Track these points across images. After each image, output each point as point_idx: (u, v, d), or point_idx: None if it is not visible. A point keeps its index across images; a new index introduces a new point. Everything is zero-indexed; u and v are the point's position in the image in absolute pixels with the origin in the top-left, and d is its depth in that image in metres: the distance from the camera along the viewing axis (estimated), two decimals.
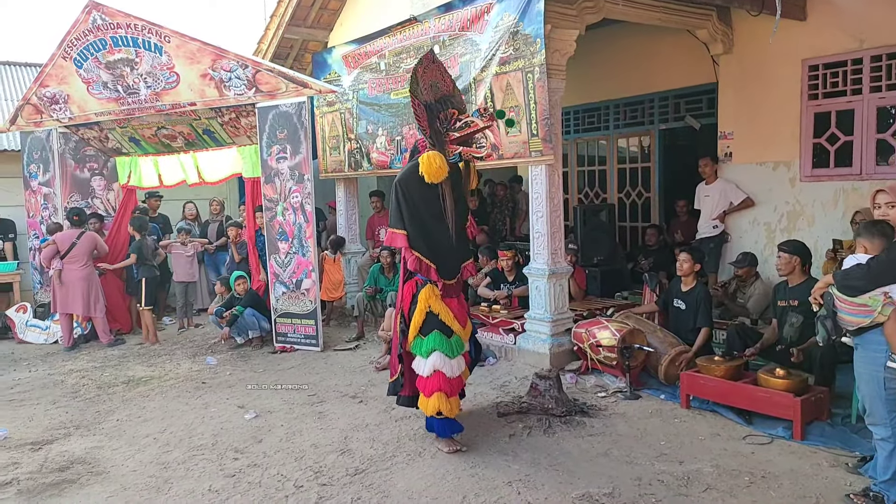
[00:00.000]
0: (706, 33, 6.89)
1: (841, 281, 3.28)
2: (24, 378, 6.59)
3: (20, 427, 5.08)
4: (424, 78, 4.15)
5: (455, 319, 4.20)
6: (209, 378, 6.26)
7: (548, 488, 3.67)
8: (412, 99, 4.08)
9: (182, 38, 6.93)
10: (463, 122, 4.12)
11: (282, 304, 7.24)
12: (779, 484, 3.64)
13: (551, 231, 5.96)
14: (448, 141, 4.12)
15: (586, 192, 9.51)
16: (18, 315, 8.40)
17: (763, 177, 6.89)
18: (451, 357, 4.15)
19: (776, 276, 6.25)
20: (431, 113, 4.13)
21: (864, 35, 6.03)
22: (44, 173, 8.69)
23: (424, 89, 4.14)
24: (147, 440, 4.70)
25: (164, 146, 8.26)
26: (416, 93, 4.07)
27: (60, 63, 7.66)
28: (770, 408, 4.36)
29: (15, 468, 4.29)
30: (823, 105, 6.41)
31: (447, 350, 4.14)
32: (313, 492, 3.75)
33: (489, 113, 4.21)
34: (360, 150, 8.08)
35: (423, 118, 4.10)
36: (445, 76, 4.34)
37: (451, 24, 6.49)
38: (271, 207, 7.24)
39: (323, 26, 8.79)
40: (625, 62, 8.38)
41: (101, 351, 7.60)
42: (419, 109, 4.07)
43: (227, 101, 7.09)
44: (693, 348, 5.30)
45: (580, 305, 6.59)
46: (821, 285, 3.48)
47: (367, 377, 6.01)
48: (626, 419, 4.70)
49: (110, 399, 5.73)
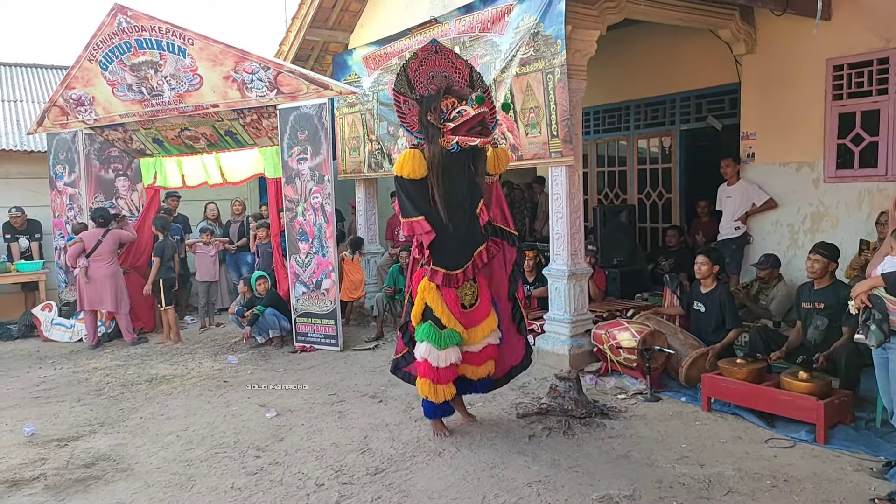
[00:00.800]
0: (729, 33, 6.83)
1: (895, 283, 3.24)
2: (49, 376, 6.70)
3: (46, 424, 5.17)
4: (420, 71, 4.23)
5: (450, 313, 4.27)
6: (231, 377, 6.32)
7: (568, 490, 3.67)
8: (395, 96, 4.21)
9: (205, 40, 7.02)
10: (456, 112, 4.15)
11: (302, 303, 7.30)
12: (802, 488, 3.61)
13: (571, 232, 5.95)
14: (445, 132, 4.15)
15: (606, 193, 9.47)
16: (44, 313, 8.55)
17: (786, 178, 6.82)
18: (439, 348, 4.25)
19: (799, 277, 6.22)
20: (425, 106, 4.19)
21: (891, 34, 5.94)
22: (69, 174, 8.84)
23: (418, 83, 4.25)
24: (170, 438, 4.76)
25: (186, 147, 8.37)
26: (402, 89, 4.20)
27: (86, 65, 7.80)
28: (793, 411, 4.32)
29: (42, 464, 4.38)
30: (848, 105, 6.33)
31: (435, 341, 4.25)
32: (334, 490, 3.78)
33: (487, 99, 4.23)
34: (381, 151, 8.12)
35: (411, 113, 4.22)
36: (456, 62, 4.36)
37: (472, 25, 6.50)
38: (292, 208, 7.30)
39: (344, 28, 8.84)
40: (646, 62, 8.33)
41: (124, 349, 7.71)
42: (405, 106, 4.19)
43: (248, 103, 7.16)
44: (717, 346, 5.26)
45: (600, 307, 6.56)
46: (865, 287, 3.42)
47: (386, 377, 6.02)
48: (647, 421, 4.68)
49: (134, 397, 5.81)
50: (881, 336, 3.33)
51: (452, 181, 4.21)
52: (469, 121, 4.12)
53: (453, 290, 4.32)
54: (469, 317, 4.37)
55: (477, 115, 4.11)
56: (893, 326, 3.30)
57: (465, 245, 4.32)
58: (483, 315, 4.41)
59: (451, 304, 4.30)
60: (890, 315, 3.29)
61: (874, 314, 3.34)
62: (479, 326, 4.39)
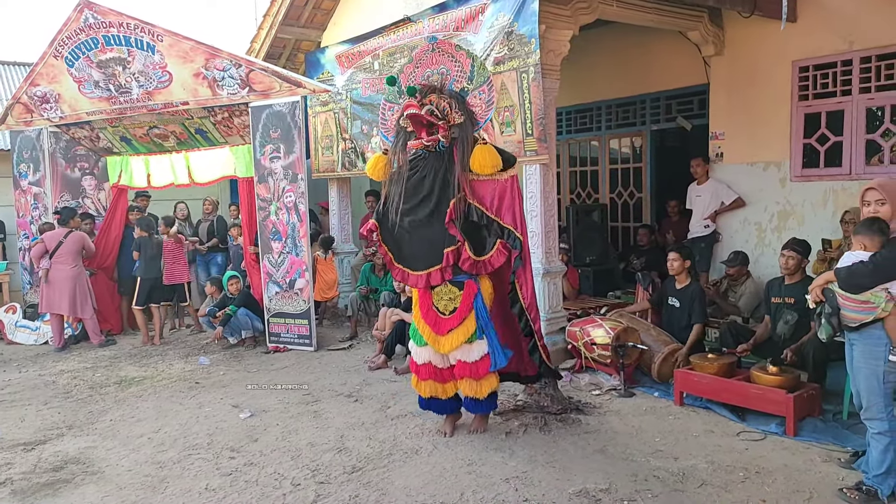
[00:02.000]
0: (698, 35, 6.95)
1: (846, 279, 3.33)
2: (14, 379, 6.53)
3: (12, 428, 5.04)
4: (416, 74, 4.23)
5: (419, 315, 4.31)
6: (202, 378, 6.23)
7: (545, 485, 3.69)
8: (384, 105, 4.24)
9: (175, 37, 6.91)
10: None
11: (275, 303, 7.23)
12: (773, 479, 3.68)
13: (545, 230, 5.99)
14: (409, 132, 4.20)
15: (578, 193, 9.56)
16: (8, 315, 8.34)
17: (754, 177, 6.96)
18: (417, 345, 4.36)
19: (766, 274, 6.35)
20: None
21: (854, 36, 6.10)
22: (34, 173, 8.63)
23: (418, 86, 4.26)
24: (141, 440, 4.67)
25: (155, 146, 8.22)
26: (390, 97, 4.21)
27: (51, 62, 7.62)
28: (763, 404, 4.40)
29: (8, 468, 4.26)
30: (814, 106, 6.48)
31: (415, 339, 4.39)
32: (311, 490, 3.75)
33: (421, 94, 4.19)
34: (354, 150, 8.08)
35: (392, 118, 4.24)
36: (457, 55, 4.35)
37: (446, 23, 6.49)
38: (265, 207, 7.23)
39: (316, 26, 8.78)
40: (617, 63, 8.43)
41: (91, 351, 7.55)
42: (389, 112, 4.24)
43: (220, 101, 7.07)
44: (687, 344, 5.34)
45: (574, 304, 6.62)
46: (820, 282, 3.52)
47: (361, 376, 6.01)
48: (621, 416, 4.73)
49: (103, 399, 5.70)
50: (830, 330, 3.43)
51: (411, 182, 4.20)
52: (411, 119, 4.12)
53: (428, 293, 4.30)
54: (441, 324, 4.19)
55: (409, 114, 4.10)
56: (845, 321, 3.38)
57: (428, 246, 4.18)
58: (453, 324, 4.16)
59: (423, 307, 4.30)
60: (841, 309, 3.38)
61: (826, 308, 3.44)
62: (446, 336, 4.17)
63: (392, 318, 6.48)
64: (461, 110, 4.21)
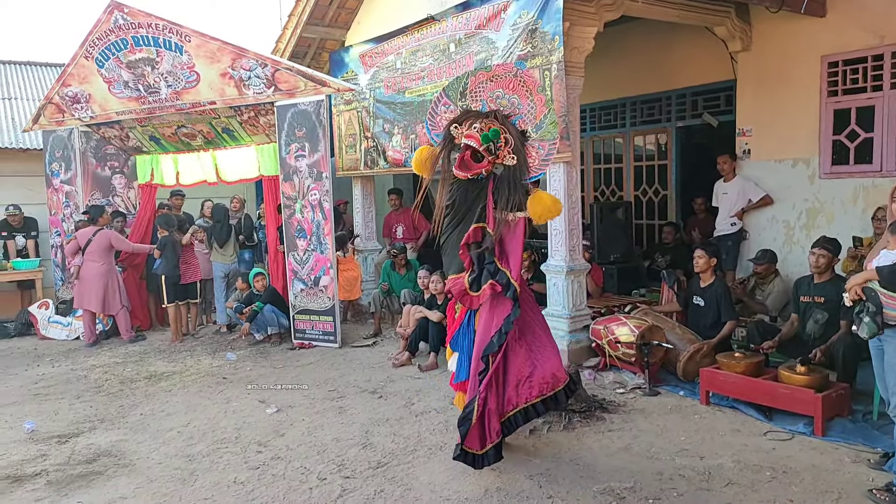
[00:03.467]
0: (724, 30, 6.86)
1: (888, 277, 3.28)
2: (47, 373, 6.69)
3: (46, 421, 5.17)
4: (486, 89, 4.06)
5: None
6: (230, 373, 6.33)
7: (569, 482, 3.69)
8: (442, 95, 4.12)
9: (202, 37, 7.01)
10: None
11: (300, 300, 7.31)
12: (800, 479, 3.65)
13: (569, 228, 5.97)
14: None
15: (602, 190, 9.50)
16: (41, 311, 8.53)
17: (782, 174, 6.86)
18: None
19: (795, 273, 6.26)
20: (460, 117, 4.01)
21: (885, 31, 5.98)
22: (65, 171, 8.82)
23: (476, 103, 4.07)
24: (171, 434, 4.77)
25: (183, 145, 8.35)
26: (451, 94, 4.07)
27: (82, 63, 7.78)
28: (791, 404, 4.36)
29: (43, 460, 4.38)
30: (843, 102, 6.37)
31: None
32: (336, 484, 3.80)
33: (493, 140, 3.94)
34: (376, 149, 8.13)
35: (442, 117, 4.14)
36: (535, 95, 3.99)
37: (468, 22, 6.51)
38: (290, 205, 7.30)
39: (340, 25, 8.83)
40: (642, 59, 8.36)
41: (122, 347, 7.69)
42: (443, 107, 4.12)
43: (246, 100, 7.16)
44: (714, 340, 5.30)
45: (598, 302, 6.60)
46: (859, 280, 3.47)
47: (385, 373, 6.06)
48: (646, 415, 4.71)
49: (133, 394, 5.81)
50: (874, 328, 3.38)
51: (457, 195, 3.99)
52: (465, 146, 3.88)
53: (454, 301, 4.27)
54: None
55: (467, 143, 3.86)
56: (887, 319, 3.34)
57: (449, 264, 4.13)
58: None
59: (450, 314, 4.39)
60: (884, 307, 3.33)
61: (868, 306, 3.39)
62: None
63: (416, 315, 6.52)
64: (516, 153, 3.86)
